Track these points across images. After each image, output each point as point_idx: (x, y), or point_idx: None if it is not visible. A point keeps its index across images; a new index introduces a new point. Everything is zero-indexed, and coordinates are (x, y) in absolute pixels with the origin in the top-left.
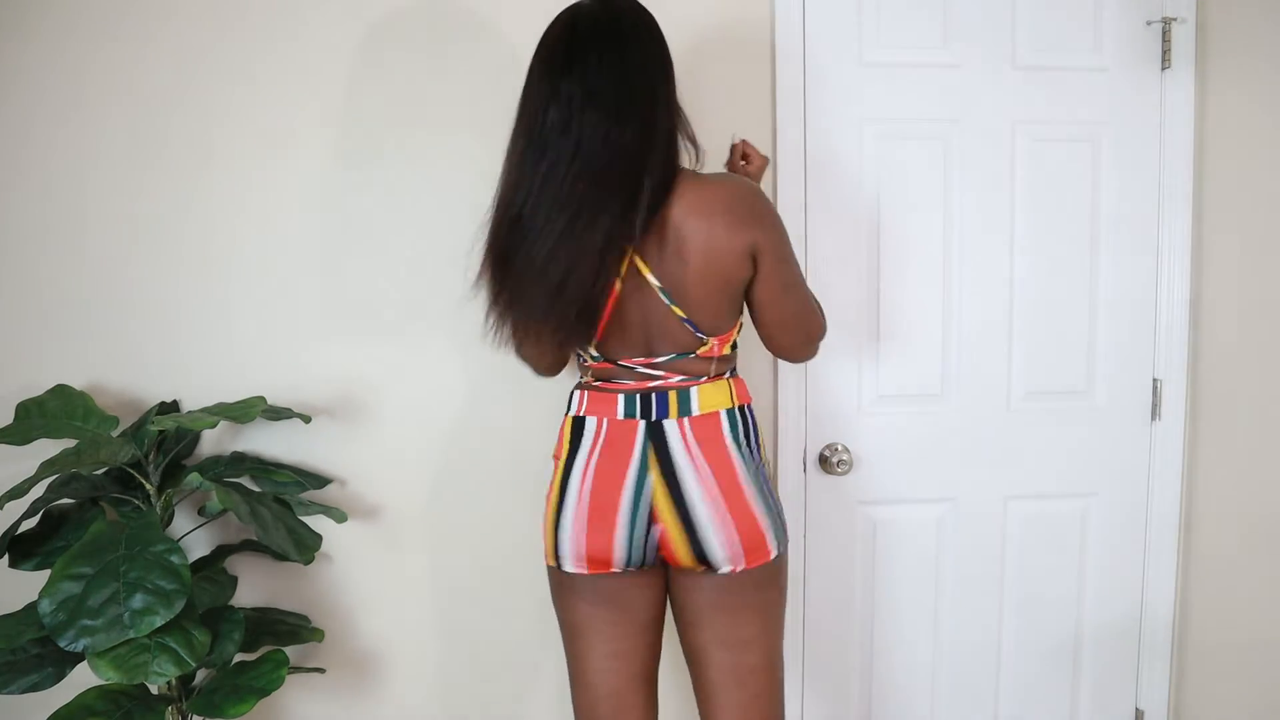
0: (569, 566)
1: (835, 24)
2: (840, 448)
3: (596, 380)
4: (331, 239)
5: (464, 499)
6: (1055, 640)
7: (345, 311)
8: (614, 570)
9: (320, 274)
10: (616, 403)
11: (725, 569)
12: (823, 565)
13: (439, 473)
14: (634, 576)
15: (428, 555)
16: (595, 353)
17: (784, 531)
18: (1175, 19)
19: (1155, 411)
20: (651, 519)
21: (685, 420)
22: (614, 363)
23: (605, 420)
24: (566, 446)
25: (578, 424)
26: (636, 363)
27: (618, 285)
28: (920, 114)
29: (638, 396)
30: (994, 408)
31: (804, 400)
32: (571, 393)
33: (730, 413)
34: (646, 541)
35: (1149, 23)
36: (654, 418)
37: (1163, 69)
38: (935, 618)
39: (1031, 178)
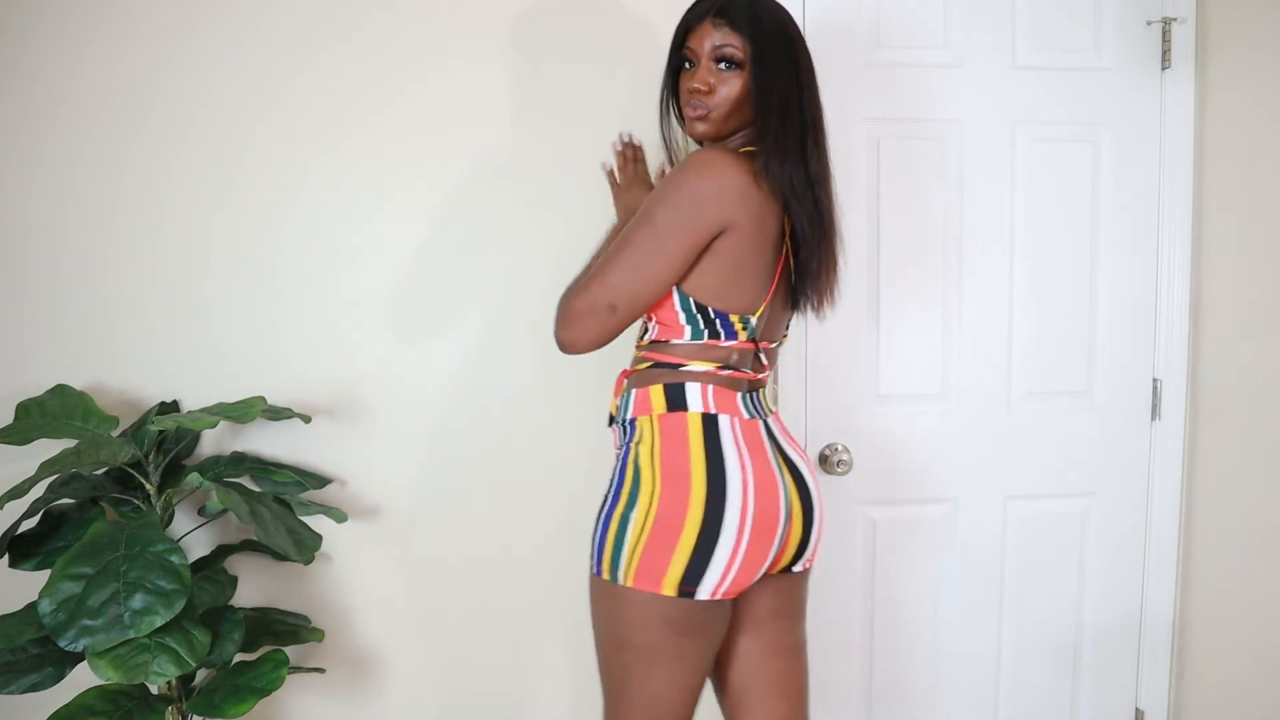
0: (706, 594)
1: (836, 23)
2: (840, 448)
3: (724, 369)
4: (332, 240)
5: (464, 499)
6: (1055, 640)
7: (345, 312)
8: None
9: (320, 274)
10: (738, 400)
11: (798, 567)
12: (823, 565)
13: (439, 473)
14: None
15: (428, 555)
16: (754, 321)
17: None
18: (1175, 19)
19: (1155, 411)
20: (788, 526)
21: (774, 417)
22: (755, 342)
23: (736, 420)
24: (703, 451)
25: (710, 423)
26: (765, 346)
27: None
28: (920, 114)
29: (747, 393)
30: (994, 408)
31: (804, 400)
32: (671, 387)
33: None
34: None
35: (1149, 23)
36: (763, 416)
37: (1163, 69)
38: (935, 618)
39: (1031, 178)
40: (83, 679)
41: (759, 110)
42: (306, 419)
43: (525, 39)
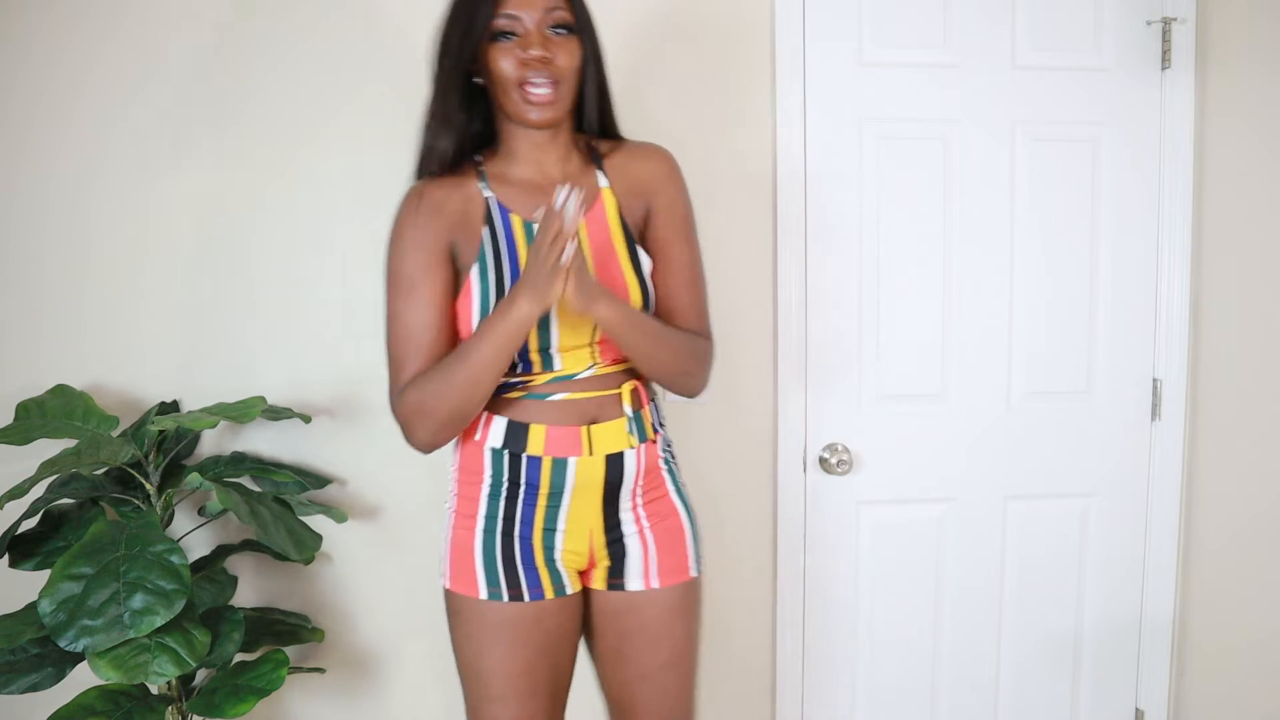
0: None
1: (835, 23)
2: (840, 448)
3: None
4: (332, 239)
5: None
6: (1055, 640)
7: (345, 311)
8: None
9: (321, 274)
10: None
11: None
12: (823, 565)
13: (439, 472)
14: None
15: (428, 555)
16: None
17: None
18: (1175, 19)
19: (1155, 411)
20: None
21: None
22: None
23: None
24: None
25: None
26: None
27: None
28: (920, 114)
29: None
30: (994, 408)
31: (804, 400)
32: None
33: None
34: None
35: (1149, 23)
36: None
37: (1163, 69)
38: (935, 618)
39: (1031, 178)
40: (83, 679)
41: (597, 85)
42: (306, 419)
43: None
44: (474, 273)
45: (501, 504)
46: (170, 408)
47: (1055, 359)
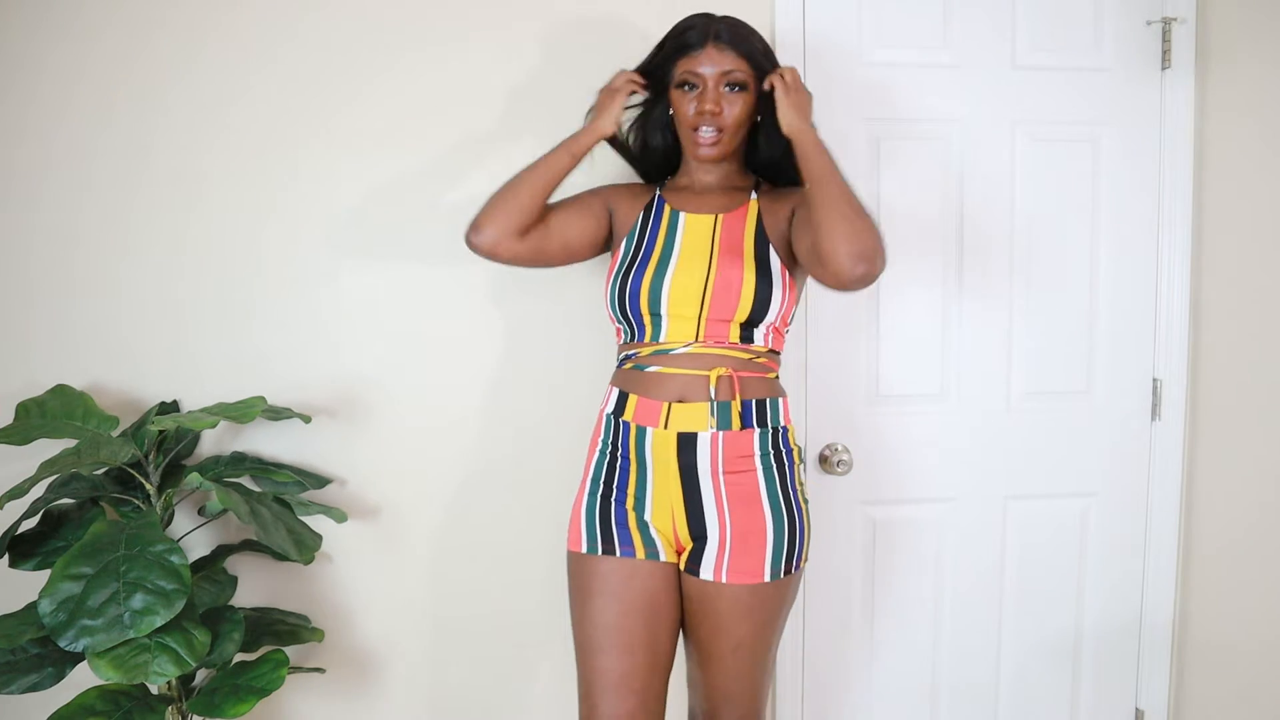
0: None
1: (835, 24)
2: (840, 448)
3: None
4: (332, 239)
5: (464, 498)
6: (1055, 640)
7: (345, 311)
8: None
9: (320, 273)
10: None
11: None
12: (823, 565)
13: (439, 472)
14: None
15: (428, 555)
16: None
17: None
18: (1175, 19)
19: (1155, 411)
20: None
21: None
22: None
23: None
24: None
25: None
26: None
27: None
28: (920, 114)
29: None
30: (994, 408)
31: (804, 400)
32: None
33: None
34: None
35: (1149, 23)
36: None
37: (1163, 69)
38: (935, 618)
39: (1031, 178)
40: (83, 679)
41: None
42: (306, 419)
43: (511, 26)
44: (623, 242)
45: (604, 468)
46: (170, 408)
47: (1055, 359)
